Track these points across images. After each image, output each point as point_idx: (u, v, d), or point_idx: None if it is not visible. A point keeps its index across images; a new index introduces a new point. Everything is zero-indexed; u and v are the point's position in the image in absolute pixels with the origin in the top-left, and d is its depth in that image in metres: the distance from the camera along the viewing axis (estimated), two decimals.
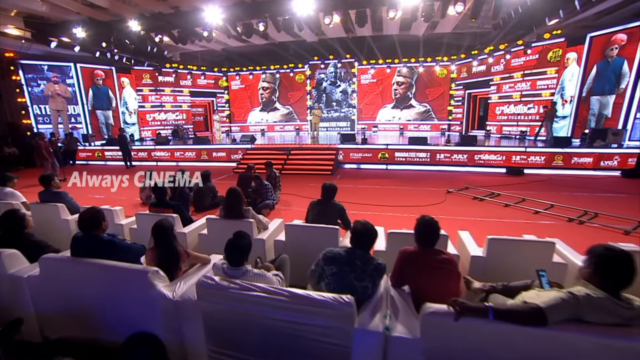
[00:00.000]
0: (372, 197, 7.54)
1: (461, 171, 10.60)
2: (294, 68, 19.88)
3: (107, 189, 9.05)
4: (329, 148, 11.30)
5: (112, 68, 16.08)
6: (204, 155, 12.97)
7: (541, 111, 13.74)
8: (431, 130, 18.99)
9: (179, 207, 3.64)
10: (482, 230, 5.14)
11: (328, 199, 3.56)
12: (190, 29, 9.65)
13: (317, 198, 3.78)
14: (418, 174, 10.31)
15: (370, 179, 9.63)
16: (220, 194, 6.79)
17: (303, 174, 10.11)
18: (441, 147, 10.55)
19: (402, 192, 8.02)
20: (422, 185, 8.72)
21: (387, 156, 10.76)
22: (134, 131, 17.79)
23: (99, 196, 8.00)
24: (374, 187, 8.52)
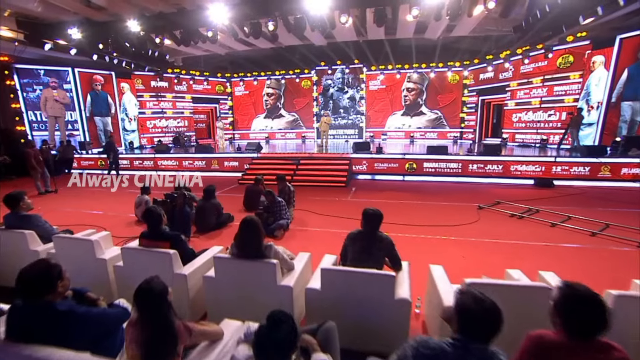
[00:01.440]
0: (397, 213, 6.70)
1: (484, 183, 9.78)
2: (300, 74, 19.23)
3: (100, 201, 8.27)
4: (341, 157, 10.50)
5: (112, 73, 15.43)
6: (209, 164, 12.19)
7: (563, 118, 13.01)
8: (438, 138, 18.24)
9: (177, 240, 2.83)
10: (541, 260, 4.31)
11: (373, 229, 2.74)
12: (194, 29, 8.97)
13: (356, 228, 2.94)
14: (439, 187, 9.49)
15: (388, 191, 8.81)
16: (226, 210, 5.99)
17: (314, 186, 9.30)
18: (473, 157, 9.72)
19: (428, 208, 7.19)
20: (447, 199, 7.89)
21: (415, 167, 9.94)
22: (133, 138, 17.10)
23: (90, 211, 7.18)
24: (396, 202, 7.69)
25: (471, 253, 4.64)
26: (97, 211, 7.18)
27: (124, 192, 9.17)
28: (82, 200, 8.33)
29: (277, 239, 5.13)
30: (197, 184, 10.40)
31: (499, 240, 5.12)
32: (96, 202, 8.19)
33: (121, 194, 9.14)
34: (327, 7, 7.67)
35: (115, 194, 9.16)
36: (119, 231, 5.63)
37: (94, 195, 9.02)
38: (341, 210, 6.98)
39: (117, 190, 9.81)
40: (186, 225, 4.95)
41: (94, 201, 8.25)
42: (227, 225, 5.85)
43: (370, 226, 2.72)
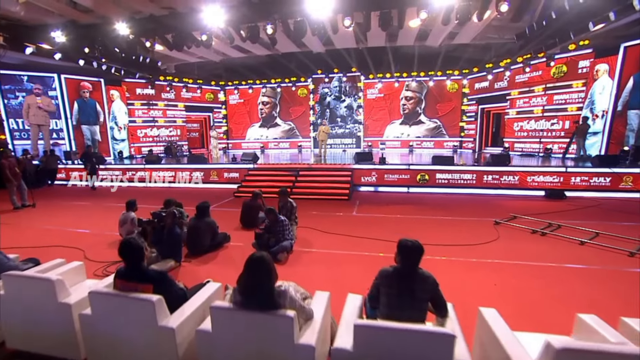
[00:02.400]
0: (409, 231, 6.16)
1: (493, 195, 9.33)
2: (296, 82, 18.82)
3: (83, 216, 7.56)
4: (343, 169, 9.97)
5: (101, 80, 14.79)
6: (204, 175, 11.53)
7: (567, 127, 12.76)
8: (434, 148, 17.92)
9: (162, 281, 2.20)
10: (588, 290, 3.76)
11: (413, 266, 2.17)
12: (187, 32, 8.45)
13: (391, 265, 2.35)
14: (446, 199, 9.00)
15: (395, 205, 8.28)
16: (222, 228, 5.37)
17: (315, 199, 8.72)
18: (489, 168, 9.24)
19: (441, 224, 6.66)
20: (459, 214, 7.38)
21: (427, 178, 9.44)
22: (123, 148, 16.37)
23: (69, 229, 6.47)
24: (406, 217, 7.16)
25: (501, 278, 4.10)
26: (77, 229, 6.48)
27: (111, 207, 8.47)
28: (62, 216, 7.62)
29: (281, 263, 4.52)
30: (190, 195, 9.80)
31: (528, 262, 4.59)
32: (78, 217, 7.48)
33: (107, 208, 8.44)
34: (330, 10, 7.24)
35: (101, 208, 8.45)
36: (99, 253, 4.96)
37: (76, 210, 8.30)
38: (347, 227, 6.42)
39: (103, 203, 9.10)
40: (176, 248, 4.32)
41: (76, 217, 7.54)
42: (223, 245, 5.23)
43: (411, 262, 2.15)
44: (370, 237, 5.64)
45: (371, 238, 5.61)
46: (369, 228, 6.26)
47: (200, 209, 4.88)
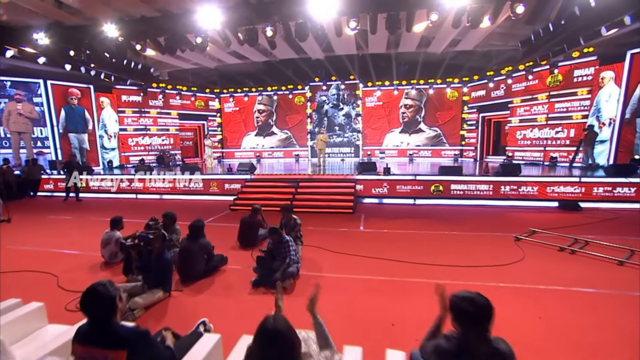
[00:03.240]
0: (424, 248, 5.62)
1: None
2: (293, 89, 18.41)
3: (63, 233, 6.87)
4: (346, 179, 9.44)
5: (90, 86, 14.17)
6: (195, 186, 10.90)
7: (572, 135, 12.47)
8: (432, 157, 17.56)
9: (139, 346, 1.59)
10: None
11: (481, 335, 1.55)
12: (180, 35, 7.93)
13: (443, 335, 1.74)
14: (454, 211, 8.50)
15: (404, 218, 7.75)
16: (217, 248, 4.76)
17: (317, 213, 8.14)
18: (508, 178, 8.78)
19: (456, 240, 6.13)
20: (473, 228, 6.87)
21: (442, 189, 8.95)
22: (113, 157, 15.68)
23: (45, 249, 5.78)
24: (418, 233, 6.62)
25: (543, 309, 3.55)
26: (53, 248, 5.80)
27: (95, 222, 7.79)
28: (38, 232, 6.91)
29: (287, 292, 3.93)
30: (182, 207, 9.15)
31: (566, 287, 4.06)
32: (56, 234, 6.78)
33: (92, 223, 7.75)
34: (335, 11, 6.81)
35: (84, 224, 7.76)
36: (76, 280, 4.30)
37: (55, 225, 7.59)
38: (356, 244, 5.85)
39: (87, 216, 8.41)
40: (166, 276, 3.71)
41: (54, 233, 6.84)
42: (219, 269, 4.61)
43: (478, 331, 1.55)
44: (385, 258, 5.07)
45: (386, 259, 5.05)
46: (380, 246, 5.70)
47: (193, 229, 4.28)
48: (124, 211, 9.09)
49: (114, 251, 4.78)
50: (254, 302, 3.77)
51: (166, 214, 4.90)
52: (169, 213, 4.91)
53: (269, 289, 3.98)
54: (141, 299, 3.40)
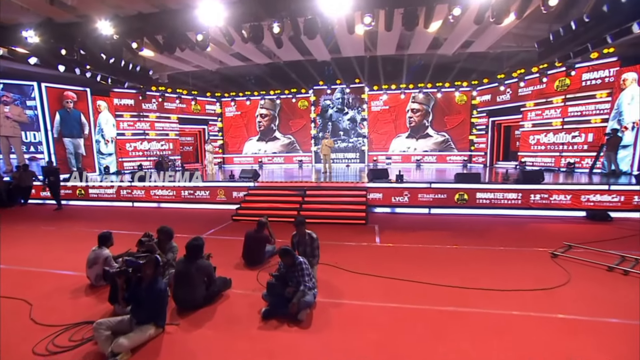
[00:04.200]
0: (452, 267, 5.00)
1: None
2: (297, 93, 17.88)
3: (51, 247, 6.24)
4: (356, 187, 8.82)
5: (87, 89, 13.64)
6: (189, 194, 10.28)
7: (590, 140, 11.89)
8: (437, 162, 17.00)
9: None
10: None
11: None
12: (180, 33, 7.39)
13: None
14: (474, 222, 7.89)
15: (422, 230, 7.13)
16: (219, 269, 4.14)
17: (327, 224, 7.51)
18: (538, 186, 8.16)
19: (485, 256, 5.50)
20: (500, 242, 6.23)
21: (467, 198, 8.34)
22: (110, 162, 15.09)
23: (26, 267, 5.13)
24: (441, 248, 5.99)
25: (610, 349, 2.92)
26: (35, 267, 5.15)
27: (82, 234, 7.17)
28: (21, 247, 6.26)
29: (302, 325, 3.30)
30: (180, 217, 8.53)
31: (631, 320, 3.43)
32: (42, 249, 6.13)
33: (77, 235, 7.11)
34: (349, 7, 6.27)
35: (69, 236, 7.11)
36: (53, 310, 3.68)
37: (43, 238, 6.95)
38: (374, 261, 5.23)
39: (73, 227, 7.78)
40: (159, 310, 3.08)
41: (39, 248, 6.19)
42: (222, 295, 3.98)
43: None
44: (410, 280, 4.45)
45: (412, 281, 4.42)
46: (402, 264, 5.08)
47: (191, 249, 3.65)
48: (119, 221, 8.55)
49: (101, 273, 4.16)
50: (265, 339, 3.13)
51: (161, 229, 4.29)
52: (165, 228, 4.29)
53: (282, 322, 3.35)
54: (127, 340, 2.77)
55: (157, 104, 16.24)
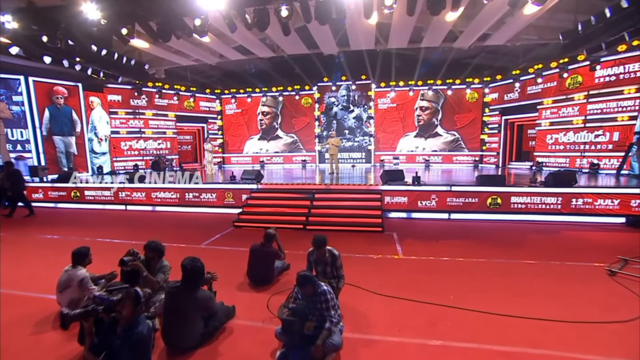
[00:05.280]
0: (494, 289, 4.23)
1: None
2: (300, 90, 17.10)
3: (29, 259, 5.44)
4: (370, 190, 8.04)
5: (79, 85, 12.85)
6: (187, 196, 9.49)
7: (615, 139, 11.13)
8: (446, 163, 16.31)
9: None
10: None
11: None
12: (175, 17, 6.60)
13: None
14: (502, 228, 7.13)
15: (446, 239, 6.36)
16: (220, 283, 3.36)
17: (339, 231, 6.74)
18: (581, 189, 7.43)
19: (531, 273, 4.72)
20: (543, 255, 5.44)
21: (500, 202, 7.58)
22: (104, 162, 14.30)
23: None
24: (473, 262, 5.21)
25: None
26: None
27: (73, 244, 6.36)
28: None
29: None
30: (176, 222, 7.75)
31: None
32: (11, 264, 5.30)
33: (66, 246, 6.30)
34: None
35: (55, 247, 6.32)
36: (5, 352, 2.89)
37: (15, 249, 6.07)
38: (400, 280, 4.47)
39: (67, 237, 6.99)
40: (143, 355, 2.29)
41: (8, 263, 5.36)
42: (223, 329, 3.20)
43: None
44: (450, 306, 3.67)
45: (452, 307, 3.65)
46: (437, 283, 4.31)
47: (189, 273, 2.85)
48: (109, 227, 7.74)
49: (75, 298, 3.38)
50: None
51: (149, 245, 3.51)
52: (153, 244, 3.52)
53: None
54: None
55: (154, 100, 15.46)
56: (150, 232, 7.16)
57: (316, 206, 7.64)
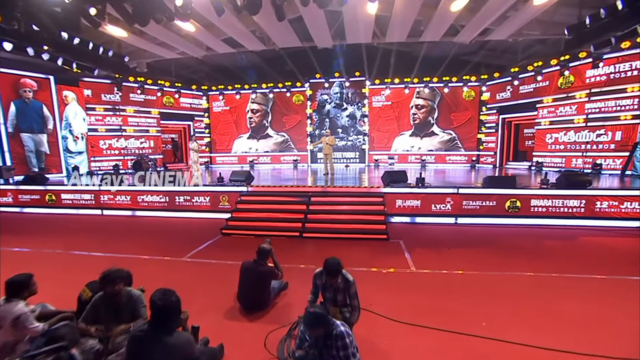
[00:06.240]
0: (530, 313, 3.62)
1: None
2: (291, 87, 16.36)
3: None
4: (371, 193, 7.39)
5: (50, 77, 11.78)
6: (172, 202, 8.64)
7: (617, 138, 10.82)
8: (442, 162, 15.89)
9: None
10: None
11: None
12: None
13: None
14: (519, 234, 6.59)
15: (460, 249, 5.75)
16: (204, 303, 2.63)
17: (339, 239, 6.07)
18: (611, 192, 7.00)
19: (569, 287, 4.14)
20: (572, 266, 4.90)
21: (519, 205, 7.02)
22: (80, 162, 13.24)
23: None
24: (496, 275, 4.62)
25: None
26: None
27: (33, 258, 5.50)
28: None
29: None
30: (156, 229, 6.92)
31: None
32: None
33: (40, 259, 5.43)
34: None
35: (29, 260, 5.43)
36: None
37: None
38: (420, 300, 3.82)
39: (40, 249, 6.07)
40: None
41: None
42: None
43: None
44: (487, 337, 3.03)
45: (490, 338, 3.01)
46: (458, 304, 3.68)
47: (160, 314, 2.12)
48: (86, 235, 6.81)
49: (10, 342, 2.59)
50: None
51: (108, 277, 2.71)
52: (114, 275, 2.73)
53: None
54: None
55: (133, 96, 14.45)
56: (130, 242, 6.35)
57: (313, 211, 6.93)
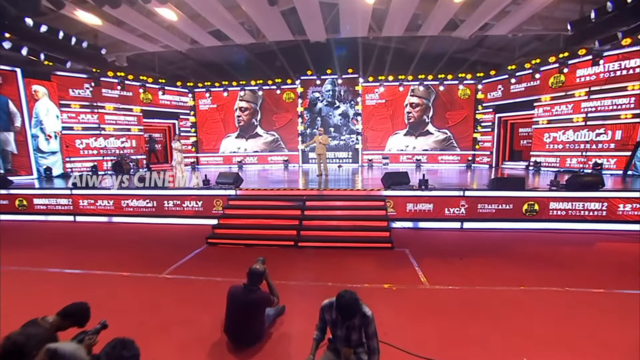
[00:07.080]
0: (579, 342, 3.09)
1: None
2: (281, 84, 15.67)
3: None
4: (371, 197, 6.80)
5: (17, 70, 10.79)
6: (159, 207, 7.88)
7: (617, 137, 10.58)
8: (434, 162, 15.53)
9: None
10: None
11: None
12: None
13: None
14: (533, 240, 6.12)
15: (473, 258, 5.22)
16: (183, 331, 1.98)
17: (338, 249, 5.46)
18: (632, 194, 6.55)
19: (588, 306, 3.65)
20: (603, 280, 4.43)
21: (537, 209, 6.55)
22: (53, 163, 12.25)
23: None
24: (525, 291, 4.10)
25: None
26: None
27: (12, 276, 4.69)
28: None
29: None
30: (133, 239, 6.17)
31: None
32: None
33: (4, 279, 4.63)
34: None
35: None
36: None
37: None
38: (437, 324, 3.27)
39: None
40: None
41: None
42: None
43: None
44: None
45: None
46: (489, 331, 3.13)
47: None
48: (46, 245, 5.92)
49: None
50: None
51: (66, 312, 2.04)
52: (73, 309, 2.06)
53: None
54: None
55: (116, 93, 13.52)
56: (105, 253, 5.61)
57: (308, 216, 6.30)
